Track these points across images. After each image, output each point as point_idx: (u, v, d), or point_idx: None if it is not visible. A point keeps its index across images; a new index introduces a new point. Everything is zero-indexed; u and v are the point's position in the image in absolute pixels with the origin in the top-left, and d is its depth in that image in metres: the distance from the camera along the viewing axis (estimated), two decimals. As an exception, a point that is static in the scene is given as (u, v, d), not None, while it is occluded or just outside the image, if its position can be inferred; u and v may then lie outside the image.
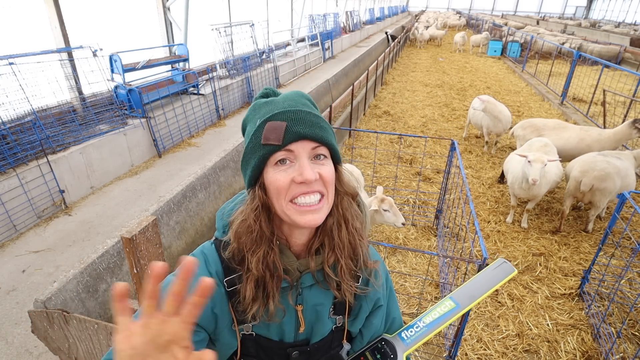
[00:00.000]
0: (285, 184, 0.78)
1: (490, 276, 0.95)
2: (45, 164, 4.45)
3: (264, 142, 0.78)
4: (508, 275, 0.94)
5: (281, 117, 0.78)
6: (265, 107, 0.83)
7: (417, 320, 0.93)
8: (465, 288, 0.94)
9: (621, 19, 40.91)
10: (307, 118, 0.79)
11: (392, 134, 6.70)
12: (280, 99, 0.84)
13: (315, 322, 0.91)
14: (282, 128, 0.77)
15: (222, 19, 9.79)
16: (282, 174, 0.78)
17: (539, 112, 9.11)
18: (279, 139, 0.76)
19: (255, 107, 0.86)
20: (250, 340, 0.88)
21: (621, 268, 3.73)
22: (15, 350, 2.80)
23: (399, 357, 0.90)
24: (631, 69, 11.63)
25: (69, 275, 2.37)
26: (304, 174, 0.76)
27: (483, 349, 2.96)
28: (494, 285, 0.93)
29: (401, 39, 16.57)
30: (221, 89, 7.90)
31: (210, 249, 0.89)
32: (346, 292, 0.88)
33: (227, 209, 0.93)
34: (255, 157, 0.80)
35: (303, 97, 0.87)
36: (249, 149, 0.82)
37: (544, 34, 20.03)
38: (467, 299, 0.93)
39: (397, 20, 35.87)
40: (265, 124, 0.79)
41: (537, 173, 3.83)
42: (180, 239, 3.63)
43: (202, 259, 0.87)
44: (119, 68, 5.98)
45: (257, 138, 0.80)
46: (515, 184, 4.29)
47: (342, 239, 0.86)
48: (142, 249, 1.31)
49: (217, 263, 0.86)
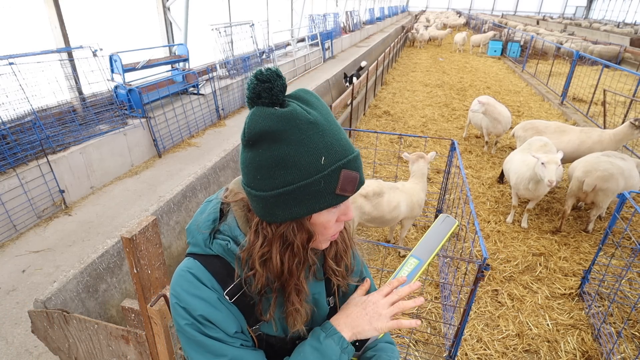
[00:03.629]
0: (333, 223, 0.82)
1: (439, 230, 1.08)
2: (45, 164, 4.44)
3: (340, 193, 0.75)
4: (452, 226, 1.08)
5: (354, 166, 0.76)
6: (318, 136, 0.72)
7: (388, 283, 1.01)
8: (422, 245, 1.07)
9: (621, 19, 40.92)
10: (360, 162, 0.79)
11: (392, 134, 6.70)
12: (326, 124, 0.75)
13: (315, 309, 0.95)
14: (356, 180, 0.76)
15: (222, 19, 9.79)
16: (332, 215, 0.81)
17: (539, 112, 9.11)
18: (353, 191, 0.77)
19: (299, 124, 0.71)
20: (260, 340, 0.91)
21: (621, 268, 3.73)
22: (15, 350, 2.80)
23: None
24: (631, 69, 11.63)
25: (69, 275, 2.37)
26: (349, 214, 0.83)
27: (483, 349, 2.95)
28: (444, 237, 1.06)
29: (401, 39, 16.56)
30: (221, 89, 7.90)
31: (196, 266, 0.84)
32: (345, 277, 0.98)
33: (200, 220, 0.87)
34: (322, 203, 0.75)
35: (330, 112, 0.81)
36: (314, 191, 0.73)
37: (544, 34, 20.03)
38: (427, 253, 1.05)
39: (397, 20, 35.86)
40: (340, 171, 0.74)
41: (553, 175, 3.79)
42: (180, 239, 3.63)
43: (193, 279, 0.82)
44: (119, 68, 5.98)
45: (328, 184, 0.73)
46: (521, 185, 4.25)
47: (347, 243, 0.96)
48: (142, 249, 1.31)
49: (210, 279, 0.83)
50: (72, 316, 1.74)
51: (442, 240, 1.06)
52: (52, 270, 3.62)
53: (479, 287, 3.35)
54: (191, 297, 0.81)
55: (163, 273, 1.47)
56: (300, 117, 0.72)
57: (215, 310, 0.81)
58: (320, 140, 0.72)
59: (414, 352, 2.91)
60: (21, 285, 3.42)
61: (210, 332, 0.81)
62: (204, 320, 0.80)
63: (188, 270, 0.84)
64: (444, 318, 3.20)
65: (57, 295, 2.21)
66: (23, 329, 2.96)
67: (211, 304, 0.81)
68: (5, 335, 2.92)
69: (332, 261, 0.93)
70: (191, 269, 0.84)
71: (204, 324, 0.80)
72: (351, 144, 0.79)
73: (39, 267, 3.66)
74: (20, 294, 3.33)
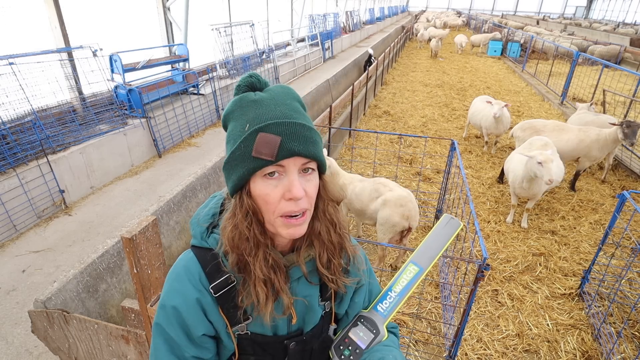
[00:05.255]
0: (275, 199, 0.78)
1: (442, 233, 1.00)
2: (45, 164, 4.45)
3: (255, 155, 0.75)
4: (456, 229, 0.99)
5: (275, 130, 0.75)
6: (254, 109, 0.79)
7: (388, 290, 0.97)
8: (422, 250, 0.99)
9: (621, 19, 40.92)
10: (301, 133, 0.77)
11: (392, 134, 6.70)
12: (270, 101, 0.80)
13: (306, 312, 0.94)
14: (275, 143, 0.74)
15: (222, 19, 9.80)
16: (272, 188, 0.78)
17: (539, 112, 9.11)
18: (272, 155, 0.74)
19: (242, 103, 0.81)
20: (246, 340, 0.90)
21: (621, 268, 3.73)
22: (15, 350, 2.80)
23: (380, 330, 0.94)
24: (631, 69, 11.63)
25: (69, 275, 2.37)
26: (293, 191, 0.77)
27: (483, 349, 2.95)
28: (447, 242, 0.98)
29: (400, 39, 16.56)
30: (221, 89, 7.91)
31: (190, 259, 0.88)
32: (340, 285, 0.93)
33: (201, 214, 0.92)
34: (243, 167, 0.78)
35: (293, 98, 0.84)
36: (237, 155, 0.78)
37: (543, 34, 20.03)
38: (427, 259, 0.97)
39: (397, 20, 35.86)
40: (256, 134, 0.75)
41: (552, 173, 3.86)
42: (180, 239, 3.64)
43: (182, 273, 0.87)
44: (119, 68, 5.98)
45: (246, 147, 0.76)
46: (516, 183, 4.31)
47: (333, 241, 0.90)
48: (142, 249, 1.31)
49: (199, 272, 0.86)
50: (72, 316, 1.74)
51: (444, 244, 0.99)
52: (52, 270, 3.62)
53: (479, 287, 3.35)
54: (172, 289, 0.86)
55: (163, 273, 1.47)
56: (246, 99, 0.81)
57: (188, 308, 0.84)
58: (253, 112, 0.78)
59: (414, 352, 2.91)
60: (21, 285, 3.43)
61: (171, 331, 0.84)
62: (173, 312, 0.84)
63: (181, 262, 0.89)
64: (444, 318, 3.20)
65: (57, 295, 2.21)
66: (23, 329, 2.96)
67: (187, 300, 0.84)
68: (5, 335, 2.92)
69: (319, 262, 0.90)
70: (185, 261, 0.88)
71: (170, 320, 0.84)
72: (291, 114, 0.78)
73: (39, 267, 3.66)
74: (20, 294, 3.33)
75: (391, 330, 1.06)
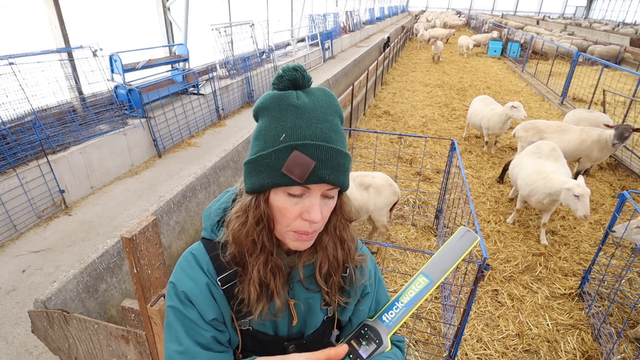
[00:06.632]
0: (292, 215, 0.78)
1: (457, 246, 0.96)
2: (45, 164, 4.45)
3: (285, 172, 0.73)
4: (472, 243, 0.95)
5: (311, 153, 0.72)
6: (293, 117, 0.74)
7: (395, 300, 0.94)
8: (434, 262, 0.95)
9: (621, 19, 40.92)
10: (336, 160, 0.74)
11: (392, 134, 6.70)
12: (312, 112, 0.75)
13: (307, 314, 0.93)
14: (309, 167, 0.72)
15: (222, 19, 9.80)
16: (291, 205, 0.77)
17: (539, 112, 9.11)
18: (302, 178, 0.72)
19: (282, 105, 0.76)
20: (248, 336, 0.90)
21: (621, 268, 3.73)
22: (15, 350, 2.80)
23: (384, 341, 0.91)
24: (631, 69, 11.63)
25: (69, 275, 2.37)
26: (312, 214, 0.76)
27: (483, 349, 2.95)
28: (461, 255, 0.94)
29: (400, 39, 16.56)
30: (221, 89, 7.91)
31: (199, 249, 0.89)
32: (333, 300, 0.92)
33: (213, 208, 0.93)
34: (270, 178, 0.75)
35: (335, 113, 0.80)
36: (266, 163, 0.75)
37: (543, 34, 20.03)
38: (439, 272, 0.94)
39: (397, 20, 35.87)
40: (291, 150, 0.72)
41: (588, 209, 3.58)
42: (180, 239, 3.64)
43: (192, 260, 0.88)
44: (119, 68, 5.98)
45: (277, 160, 0.73)
46: (534, 198, 4.06)
47: (338, 258, 0.89)
48: (142, 249, 1.31)
49: (207, 263, 0.87)
50: (72, 316, 1.74)
51: (458, 258, 0.95)
52: (52, 270, 3.62)
53: (479, 287, 3.35)
54: (183, 274, 0.86)
55: (163, 273, 1.47)
56: (287, 100, 0.76)
57: (199, 292, 0.84)
58: (293, 121, 0.74)
59: (414, 352, 2.91)
60: (21, 285, 3.43)
61: (187, 312, 0.83)
62: (185, 298, 0.84)
63: (191, 251, 0.90)
64: (444, 318, 3.20)
65: (57, 295, 2.21)
66: (23, 329, 2.96)
67: (198, 285, 0.84)
68: (5, 335, 2.92)
69: (318, 272, 0.89)
70: (194, 250, 0.89)
71: (184, 302, 0.84)
72: (330, 135, 0.75)
73: (39, 267, 3.66)
74: (20, 294, 3.33)
75: (396, 343, 1.04)
